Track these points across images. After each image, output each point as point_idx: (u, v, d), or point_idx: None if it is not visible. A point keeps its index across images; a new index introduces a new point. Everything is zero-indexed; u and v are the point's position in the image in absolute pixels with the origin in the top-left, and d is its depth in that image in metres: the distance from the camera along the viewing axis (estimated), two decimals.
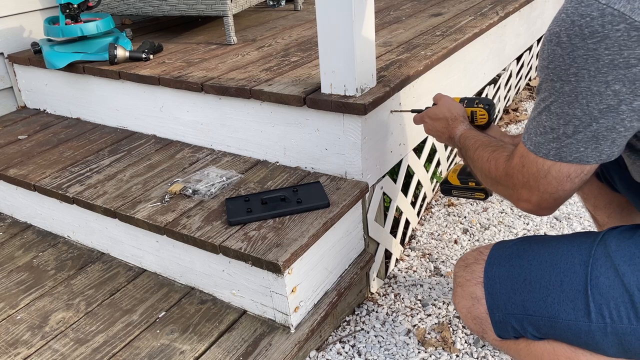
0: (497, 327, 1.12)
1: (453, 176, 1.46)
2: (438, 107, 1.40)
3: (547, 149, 0.94)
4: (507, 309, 1.08)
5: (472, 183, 1.41)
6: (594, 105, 0.86)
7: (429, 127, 1.43)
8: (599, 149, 0.89)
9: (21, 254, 1.83)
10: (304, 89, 1.65)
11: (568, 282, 1.01)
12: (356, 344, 1.60)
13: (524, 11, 2.69)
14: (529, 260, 1.08)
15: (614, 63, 0.82)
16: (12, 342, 1.46)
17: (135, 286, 1.64)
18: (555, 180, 0.95)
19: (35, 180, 1.83)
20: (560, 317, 1.01)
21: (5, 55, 2.42)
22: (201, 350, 1.39)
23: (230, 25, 2.21)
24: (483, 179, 1.16)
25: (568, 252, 1.04)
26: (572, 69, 0.85)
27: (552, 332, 1.04)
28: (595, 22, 0.81)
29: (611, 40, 0.81)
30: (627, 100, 0.84)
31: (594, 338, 0.99)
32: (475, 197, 1.44)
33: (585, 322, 0.99)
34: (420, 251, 1.98)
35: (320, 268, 1.50)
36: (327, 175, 1.69)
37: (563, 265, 1.03)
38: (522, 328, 1.08)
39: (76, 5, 2.12)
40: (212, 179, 1.69)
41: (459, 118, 1.34)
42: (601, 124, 0.87)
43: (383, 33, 2.18)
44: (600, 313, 0.97)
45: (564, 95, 0.88)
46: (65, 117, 2.34)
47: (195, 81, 1.83)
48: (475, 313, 1.14)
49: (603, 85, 0.84)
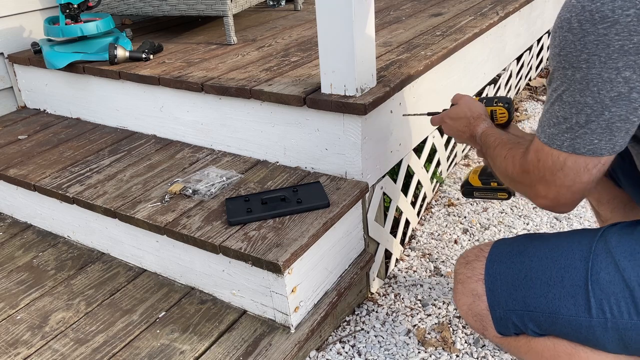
0: (497, 324, 1.12)
1: (474, 177, 1.41)
2: (459, 106, 1.37)
3: (560, 140, 0.92)
4: (508, 305, 1.09)
5: (494, 183, 1.38)
6: (605, 93, 0.85)
7: (449, 128, 1.39)
8: (613, 140, 0.89)
9: (21, 254, 1.83)
10: (304, 89, 1.65)
11: (569, 277, 1.01)
12: (356, 344, 1.60)
13: (524, 11, 2.69)
14: (529, 257, 1.08)
15: (624, 49, 0.81)
16: (12, 342, 1.46)
17: (135, 286, 1.64)
18: (572, 172, 0.93)
19: (35, 180, 1.83)
20: (561, 312, 1.02)
21: (5, 55, 2.42)
22: (201, 350, 1.39)
23: (230, 25, 2.21)
24: (502, 177, 1.15)
25: (568, 248, 1.04)
26: (583, 55, 0.85)
27: (553, 328, 1.05)
28: (605, 7, 0.81)
29: (621, 25, 0.81)
30: (638, 88, 0.84)
31: (595, 333, 0.99)
32: (498, 197, 1.40)
33: (585, 317, 0.99)
34: (420, 251, 1.98)
35: (320, 268, 1.50)
36: (327, 175, 1.69)
37: (563, 261, 1.03)
38: (522, 324, 1.08)
39: (76, 5, 2.12)
40: (212, 179, 1.69)
41: (481, 116, 1.31)
42: (613, 112, 0.86)
43: (383, 33, 2.18)
44: (600, 308, 0.97)
45: (575, 83, 0.88)
46: (65, 117, 2.34)
47: (195, 81, 1.83)
48: (476, 310, 1.14)
49: (614, 72, 0.83)
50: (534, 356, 1.10)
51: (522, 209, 2.17)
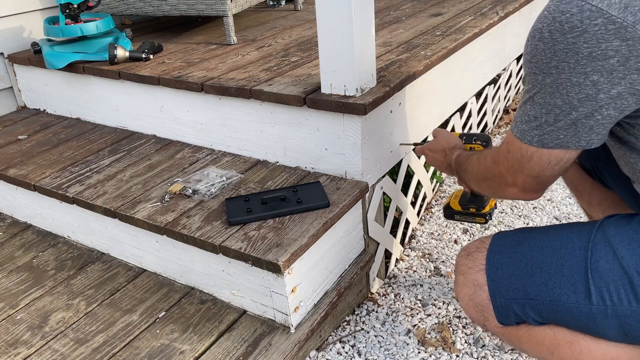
0: (498, 313, 1.14)
1: (455, 202, 1.56)
2: (437, 139, 1.49)
3: (530, 136, 1.00)
4: (509, 294, 1.11)
5: (472, 209, 1.52)
6: (574, 95, 0.91)
7: (429, 158, 1.52)
8: (578, 135, 0.95)
9: (21, 254, 1.83)
10: (304, 89, 1.65)
11: (568, 266, 1.04)
12: (356, 343, 1.60)
13: (524, 11, 2.69)
14: (530, 247, 1.11)
15: (592, 55, 0.86)
16: (12, 342, 1.46)
17: (135, 286, 1.64)
18: (537, 165, 1.01)
19: (35, 180, 1.83)
20: (562, 300, 1.04)
21: (5, 55, 2.42)
22: (201, 350, 1.39)
23: (230, 25, 2.21)
24: (476, 181, 1.22)
25: (568, 237, 1.07)
26: (553, 62, 0.91)
27: (554, 315, 1.06)
28: (574, 18, 0.86)
29: (589, 34, 0.85)
30: (605, 89, 0.89)
31: (595, 320, 1.01)
32: (476, 222, 1.54)
33: (586, 304, 1.01)
34: (420, 251, 1.98)
35: (320, 268, 1.50)
36: (327, 175, 1.69)
37: (563, 250, 1.06)
38: (523, 313, 1.10)
39: (76, 5, 2.12)
40: (212, 179, 1.69)
41: (456, 147, 1.42)
42: (580, 112, 0.92)
43: (383, 33, 2.18)
44: (600, 296, 0.99)
45: (546, 87, 0.94)
46: (65, 117, 2.34)
47: (195, 81, 1.83)
48: (477, 300, 1.16)
49: (582, 76, 0.89)
50: (534, 345, 1.12)
51: (522, 209, 2.17)
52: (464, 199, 1.55)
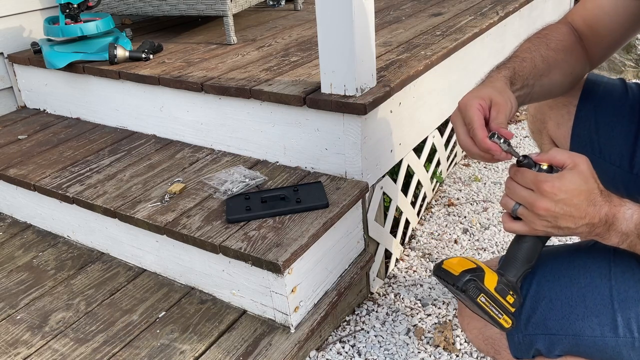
0: (515, 349, 1.07)
1: (491, 277, 0.96)
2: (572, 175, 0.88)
3: None
4: (528, 329, 1.03)
5: (510, 298, 0.97)
6: None
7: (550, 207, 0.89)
8: None
9: (21, 254, 1.83)
10: (304, 89, 1.65)
11: (591, 297, 0.97)
12: (356, 343, 1.60)
13: (524, 11, 2.69)
14: (545, 277, 1.03)
15: None
16: (12, 342, 1.46)
17: (135, 286, 1.64)
18: None
19: (35, 180, 1.82)
20: (585, 333, 0.97)
21: (5, 55, 2.41)
22: (201, 350, 1.39)
23: (230, 25, 2.21)
24: None
25: (584, 266, 1.00)
26: None
27: (576, 349, 1.00)
28: None
29: None
30: None
31: (621, 353, 0.96)
32: (498, 321, 0.97)
33: (612, 337, 0.95)
34: (420, 251, 1.98)
35: (320, 268, 1.50)
36: (327, 175, 1.69)
37: (582, 280, 0.99)
38: (547, 348, 1.03)
39: (76, 5, 2.12)
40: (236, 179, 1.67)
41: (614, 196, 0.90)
42: None
43: (383, 33, 2.18)
44: (628, 327, 0.94)
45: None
46: (65, 117, 2.34)
47: (195, 81, 1.83)
48: (489, 333, 1.10)
49: None
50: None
51: None
52: (503, 280, 0.96)
